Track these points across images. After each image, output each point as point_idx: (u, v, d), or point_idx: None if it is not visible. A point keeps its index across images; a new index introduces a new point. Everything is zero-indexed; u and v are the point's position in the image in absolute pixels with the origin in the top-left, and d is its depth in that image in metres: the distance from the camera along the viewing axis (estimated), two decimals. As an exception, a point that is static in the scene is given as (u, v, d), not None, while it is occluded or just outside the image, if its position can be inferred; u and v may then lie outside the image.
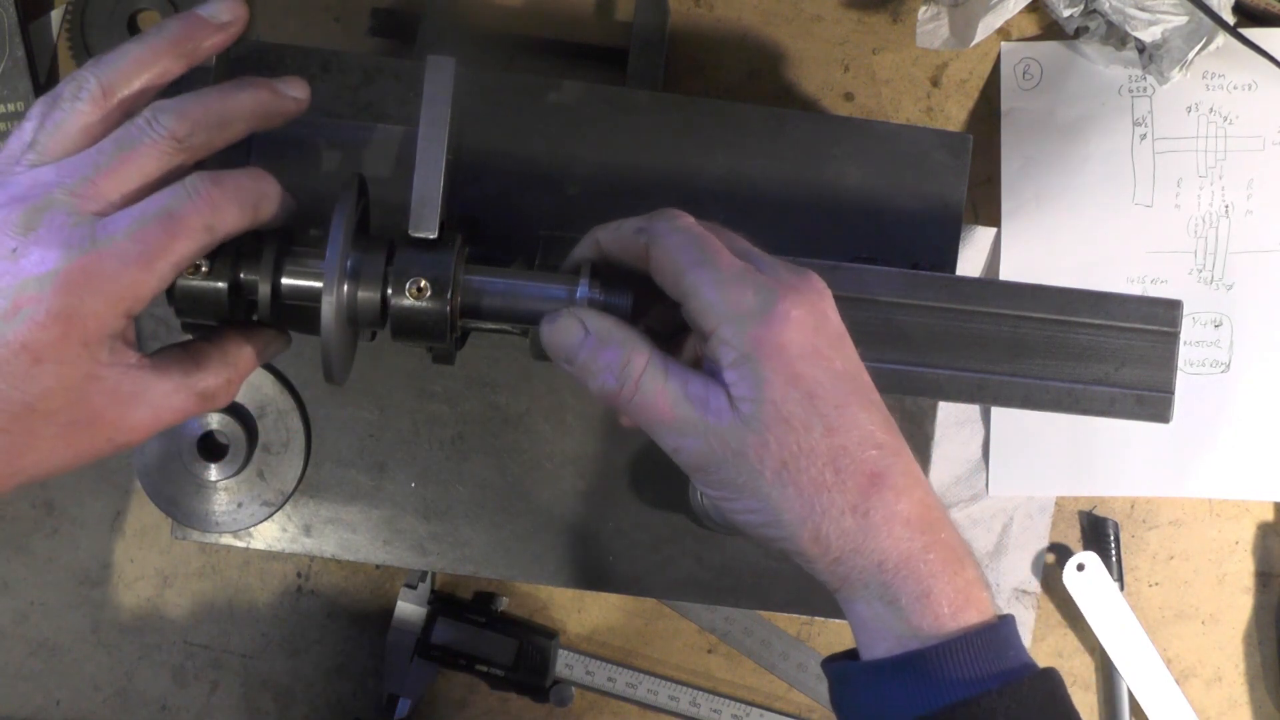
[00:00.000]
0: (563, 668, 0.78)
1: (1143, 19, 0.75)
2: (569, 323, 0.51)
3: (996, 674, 0.48)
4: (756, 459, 0.48)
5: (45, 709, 0.79)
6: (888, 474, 0.49)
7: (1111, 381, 0.61)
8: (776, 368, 0.48)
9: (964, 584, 0.50)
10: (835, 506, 0.49)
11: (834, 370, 0.49)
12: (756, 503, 0.49)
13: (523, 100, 0.67)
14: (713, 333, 0.49)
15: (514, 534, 0.68)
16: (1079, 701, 0.81)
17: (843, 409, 0.49)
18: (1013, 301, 0.60)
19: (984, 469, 0.81)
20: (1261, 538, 0.82)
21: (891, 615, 0.49)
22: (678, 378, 0.50)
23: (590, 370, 0.51)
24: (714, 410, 0.49)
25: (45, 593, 0.79)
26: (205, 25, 0.53)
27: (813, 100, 0.80)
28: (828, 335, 0.50)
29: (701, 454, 0.49)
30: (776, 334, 0.48)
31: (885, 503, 0.49)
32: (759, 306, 0.49)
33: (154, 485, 0.67)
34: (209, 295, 0.52)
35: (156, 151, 0.49)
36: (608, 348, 0.50)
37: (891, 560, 0.49)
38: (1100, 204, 0.80)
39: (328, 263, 0.51)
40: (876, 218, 0.67)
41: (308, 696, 0.80)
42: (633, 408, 0.50)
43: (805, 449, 0.48)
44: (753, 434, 0.48)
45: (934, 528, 0.50)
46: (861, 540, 0.49)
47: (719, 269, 0.50)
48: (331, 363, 0.53)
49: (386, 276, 0.53)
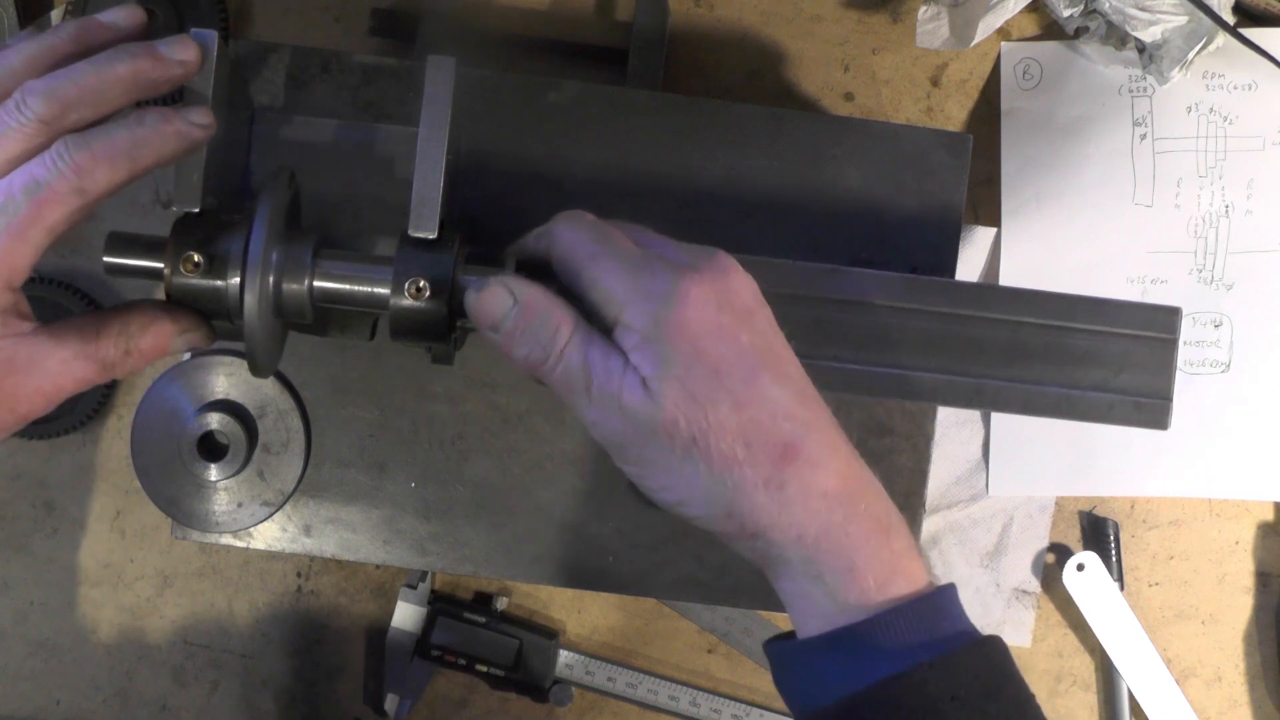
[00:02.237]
0: (563, 668, 0.78)
1: (1143, 19, 0.75)
2: (497, 290, 0.51)
3: (930, 644, 0.48)
4: (666, 436, 0.49)
5: (45, 709, 0.79)
6: (802, 446, 0.49)
7: (1109, 387, 0.61)
8: (680, 346, 0.48)
9: (891, 555, 0.49)
10: (748, 481, 0.49)
11: (740, 345, 0.49)
12: (669, 480, 0.49)
13: (523, 100, 0.67)
14: (616, 320, 0.50)
15: (514, 534, 0.68)
16: (1079, 701, 0.81)
17: (751, 383, 0.49)
18: (1011, 306, 0.60)
19: (984, 469, 0.81)
20: (1261, 538, 0.82)
21: (818, 591, 0.49)
22: (599, 351, 0.50)
23: (516, 339, 0.51)
24: (628, 387, 0.49)
25: (45, 593, 0.79)
26: (100, 27, 0.53)
27: (813, 100, 0.80)
28: (733, 311, 0.50)
29: (617, 431, 0.50)
30: (678, 314, 0.49)
31: (800, 475, 0.49)
32: (658, 289, 0.49)
33: (154, 485, 0.67)
34: (206, 293, 0.52)
35: (22, 135, 0.49)
36: (534, 316, 0.51)
37: (810, 534, 0.49)
38: (1100, 204, 0.80)
39: (250, 256, 0.52)
40: (876, 218, 0.67)
41: (308, 696, 0.80)
42: (554, 379, 0.51)
43: (714, 424, 0.48)
44: (661, 412, 0.48)
45: (855, 499, 0.50)
46: (777, 514, 0.49)
47: (616, 258, 0.50)
48: (256, 355, 0.53)
49: (313, 269, 0.54)
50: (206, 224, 0.53)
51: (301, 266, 0.54)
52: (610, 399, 0.49)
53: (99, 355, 0.52)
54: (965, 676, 0.48)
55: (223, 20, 0.77)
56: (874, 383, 0.60)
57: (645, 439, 0.49)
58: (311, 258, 0.54)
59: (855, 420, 0.69)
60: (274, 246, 0.53)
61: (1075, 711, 0.82)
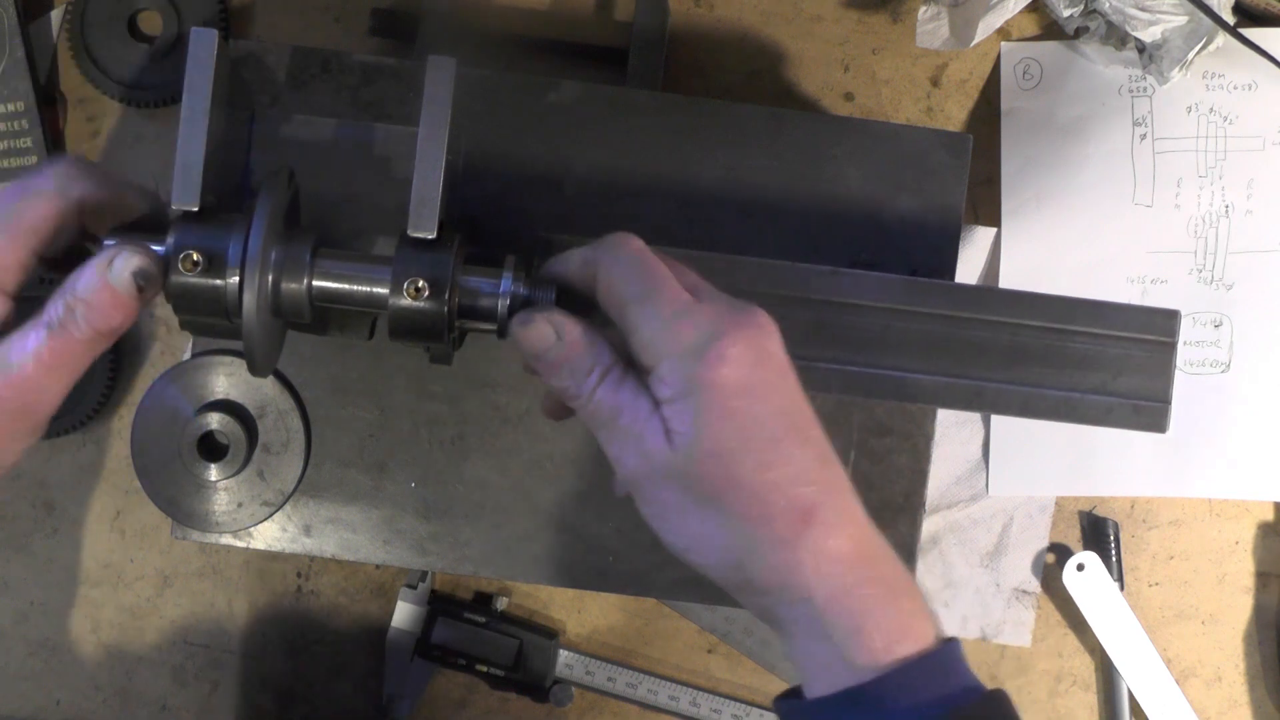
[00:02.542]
0: (563, 668, 0.78)
1: (1143, 19, 0.75)
2: (542, 327, 0.52)
3: (939, 701, 0.48)
4: (685, 488, 0.49)
5: (45, 709, 0.79)
6: (819, 511, 0.49)
7: (1108, 390, 0.61)
8: (712, 404, 0.48)
9: (899, 617, 0.49)
10: (762, 541, 0.49)
11: (770, 407, 0.49)
12: (682, 528, 0.50)
13: (523, 100, 0.67)
14: (653, 369, 0.50)
15: (514, 534, 0.68)
16: (1079, 701, 0.81)
17: (777, 445, 0.49)
18: (1011, 309, 0.60)
19: (984, 469, 0.81)
20: (1261, 538, 0.82)
21: (825, 652, 0.49)
22: (630, 393, 0.50)
23: (554, 372, 0.52)
24: (652, 434, 0.49)
25: (45, 593, 0.79)
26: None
27: (813, 100, 0.80)
28: (767, 372, 0.50)
29: (638, 471, 0.50)
30: (713, 371, 0.49)
31: (814, 539, 0.49)
32: (698, 344, 0.49)
33: (154, 485, 0.67)
34: (205, 292, 0.52)
35: None
36: (575, 355, 0.51)
37: (820, 596, 0.49)
38: (1100, 204, 0.80)
39: (249, 255, 0.52)
40: (876, 218, 0.67)
41: (308, 696, 0.80)
42: (585, 412, 0.52)
43: (735, 483, 0.49)
44: (685, 466, 0.49)
45: (868, 563, 0.50)
46: (789, 575, 0.49)
47: (660, 304, 0.50)
48: (255, 354, 0.53)
49: (312, 268, 0.54)
50: (206, 223, 0.53)
51: (300, 266, 0.54)
52: (635, 440, 0.50)
53: (43, 320, 0.51)
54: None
55: (223, 20, 0.77)
56: (873, 385, 0.60)
57: (664, 484, 0.50)
58: (310, 257, 0.54)
59: (855, 420, 0.69)
60: (272, 245, 0.53)
61: (1075, 711, 0.82)
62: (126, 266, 0.50)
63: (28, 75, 0.76)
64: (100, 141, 0.78)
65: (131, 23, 0.77)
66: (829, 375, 0.60)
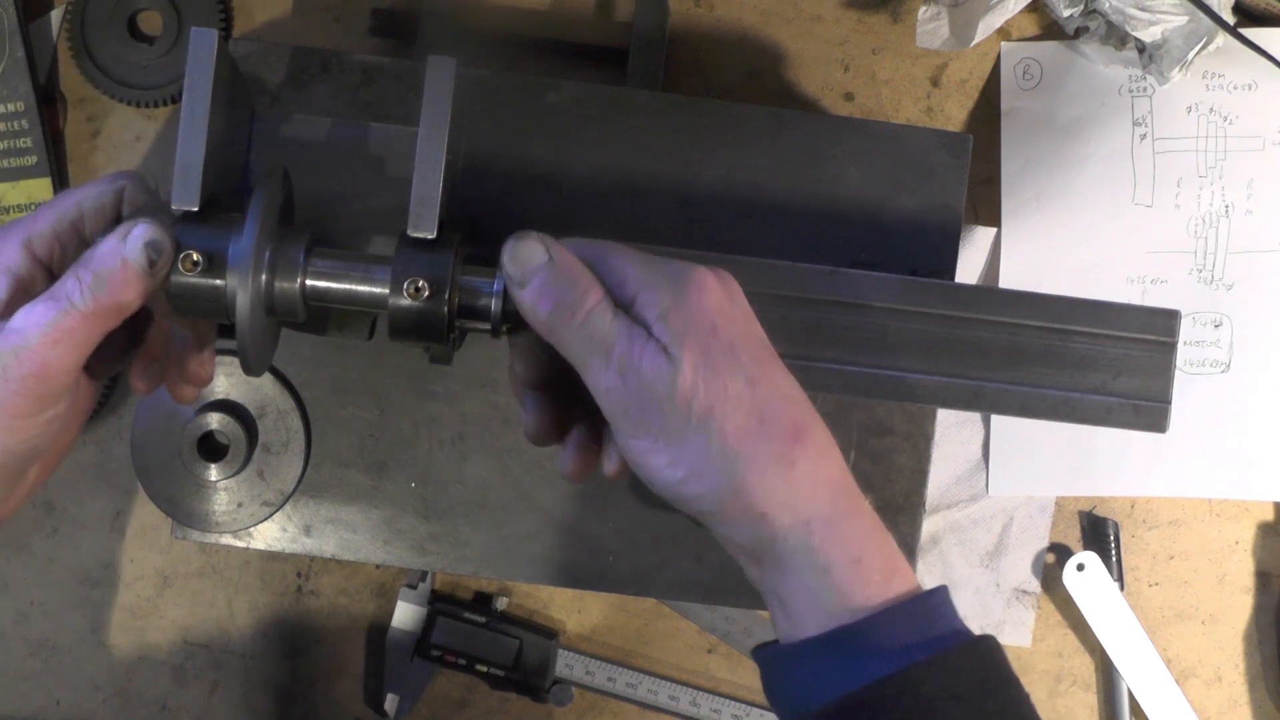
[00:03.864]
0: (563, 668, 0.78)
1: (1143, 19, 0.75)
2: (534, 244, 0.52)
3: (926, 643, 0.48)
4: (683, 405, 0.49)
5: (45, 709, 0.79)
6: (809, 430, 0.50)
7: (1108, 390, 0.61)
8: (699, 320, 0.50)
9: (891, 552, 0.50)
10: (760, 455, 0.49)
11: (750, 334, 0.51)
12: (679, 452, 0.49)
13: (523, 100, 0.67)
14: (635, 298, 0.51)
15: (514, 534, 0.68)
16: (1079, 701, 0.81)
17: (763, 365, 0.51)
18: (1010, 309, 0.60)
19: (984, 469, 0.81)
20: (1261, 538, 0.82)
21: (822, 587, 0.49)
22: (623, 320, 0.51)
23: (542, 293, 0.51)
24: (650, 354, 0.49)
25: (45, 593, 0.79)
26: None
27: (813, 100, 0.80)
28: (740, 305, 0.52)
29: (632, 395, 0.49)
30: (695, 294, 0.50)
31: (809, 457, 0.50)
32: (676, 273, 0.51)
33: (154, 485, 0.67)
34: (205, 292, 0.52)
35: None
36: (565, 274, 0.51)
37: (819, 519, 0.49)
38: (1100, 204, 0.80)
39: (243, 253, 0.52)
40: (876, 218, 0.67)
41: (308, 696, 0.80)
42: (576, 337, 0.51)
43: (731, 395, 0.49)
44: (681, 378, 0.49)
45: (856, 497, 0.51)
46: (786, 493, 0.49)
47: (630, 251, 0.52)
48: (248, 353, 0.53)
49: (305, 267, 0.54)
50: (206, 223, 0.53)
51: (294, 265, 0.54)
52: (631, 365, 0.49)
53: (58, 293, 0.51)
54: (962, 675, 0.48)
55: (223, 20, 0.77)
56: (873, 385, 0.60)
57: (660, 408, 0.49)
58: (304, 256, 0.54)
59: (855, 420, 0.69)
60: (266, 245, 0.53)
61: (1075, 711, 0.82)
62: (140, 238, 0.51)
63: (28, 75, 0.76)
64: (100, 141, 0.78)
65: (131, 23, 0.77)
66: (829, 375, 0.60)
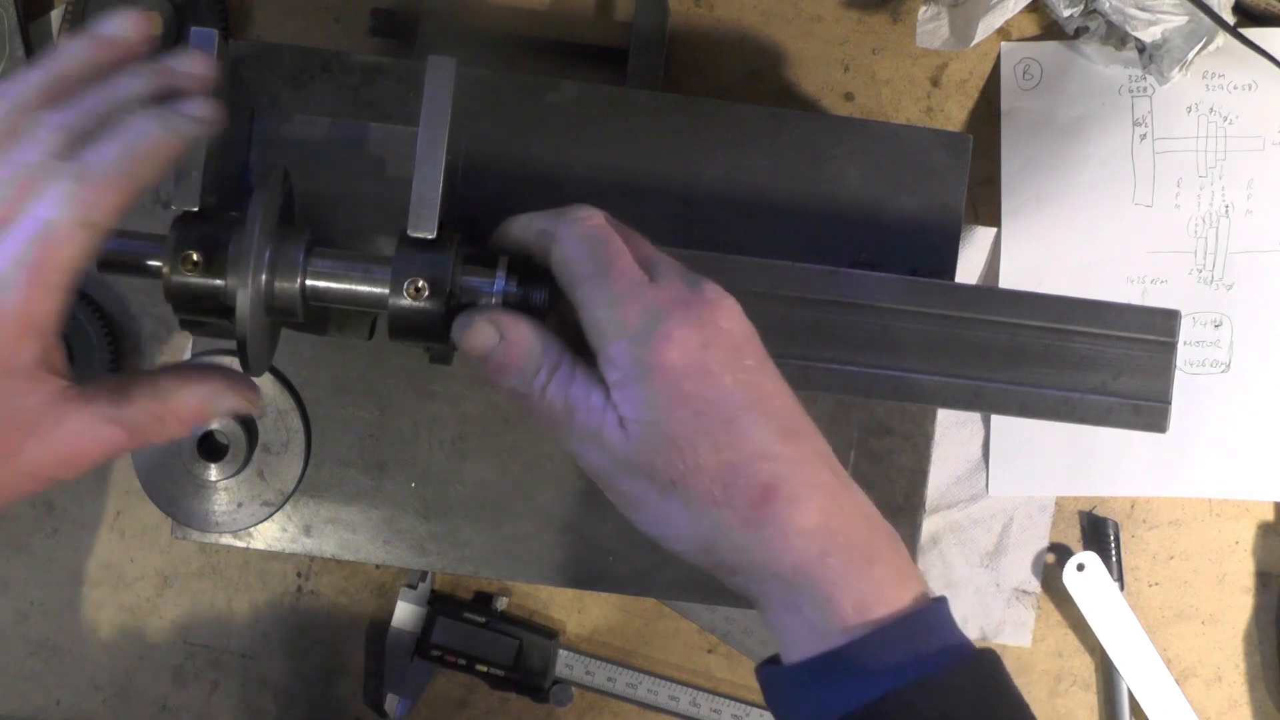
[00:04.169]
0: (563, 668, 0.78)
1: (1143, 19, 0.75)
2: (483, 328, 0.52)
3: (916, 662, 0.48)
4: (646, 476, 0.49)
5: (45, 709, 0.79)
6: (781, 486, 0.49)
7: (1108, 390, 0.61)
8: (660, 388, 0.48)
9: (872, 582, 0.49)
10: (725, 522, 0.49)
11: (722, 386, 0.49)
12: (650, 515, 0.50)
13: (523, 100, 0.67)
14: (600, 352, 0.50)
15: (514, 534, 0.68)
16: (1079, 701, 0.81)
17: (733, 424, 0.49)
18: (1011, 309, 0.60)
19: (984, 469, 0.81)
20: (1261, 538, 0.82)
21: (798, 623, 0.49)
22: (582, 388, 0.50)
23: (501, 373, 0.52)
24: (608, 425, 0.49)
25: (45, 593, 0.79)
26: (104, 41, 0.51)
27: (813, 100, 0.80)
28: (718, 350, 0.49)
29: (599, 465, 0.50)
30: (660, 355, 0.48)
31: (777, 516, 0.49)
32: (644, 327, 0.49)
33: (154, 485, 0.67)
34: (204, 292, 0.52)
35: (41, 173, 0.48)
36: (519, 355, 0.51)
37: (787, 570, 0.49)
38: (1100, 204, 0.80)
39: (243, 253, 0.51)
40: (876, 218, 0.67)
41: (308, 696, 0.80)
42: (538, 411, 0.51)
43: (691, 467, 0.48)
44: (642, 456, 0.49)
45: (834, 532, 0.49)
46: (754, 553, 0.49)
47: (610, 283, 0.50)
48: (248, 353, 0.53)
49: (305, 267, 0.54)
50: (206, 223, 0.53)
51: (294, 265, 0.54)
52: (592, 435, 0.50)
53: (127, 418, 0.49)
54: (954, 695, 0.47)
55: (223, 20, 0.77)
56: (873, 385, 0.60)
57: (626, 475, 0.50)
58: (304, 256, 0.54)
59: (855, 420, 0.69)
60: (266, 244, 0.53)
61: (1075, 711, 0.82)
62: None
63: (28, 75, 0.76)
64: (100, 141, 0.78)
65: (131, 23, 0.77)
66: (829, 375, 0.60)
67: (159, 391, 0.50)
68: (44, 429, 0.47)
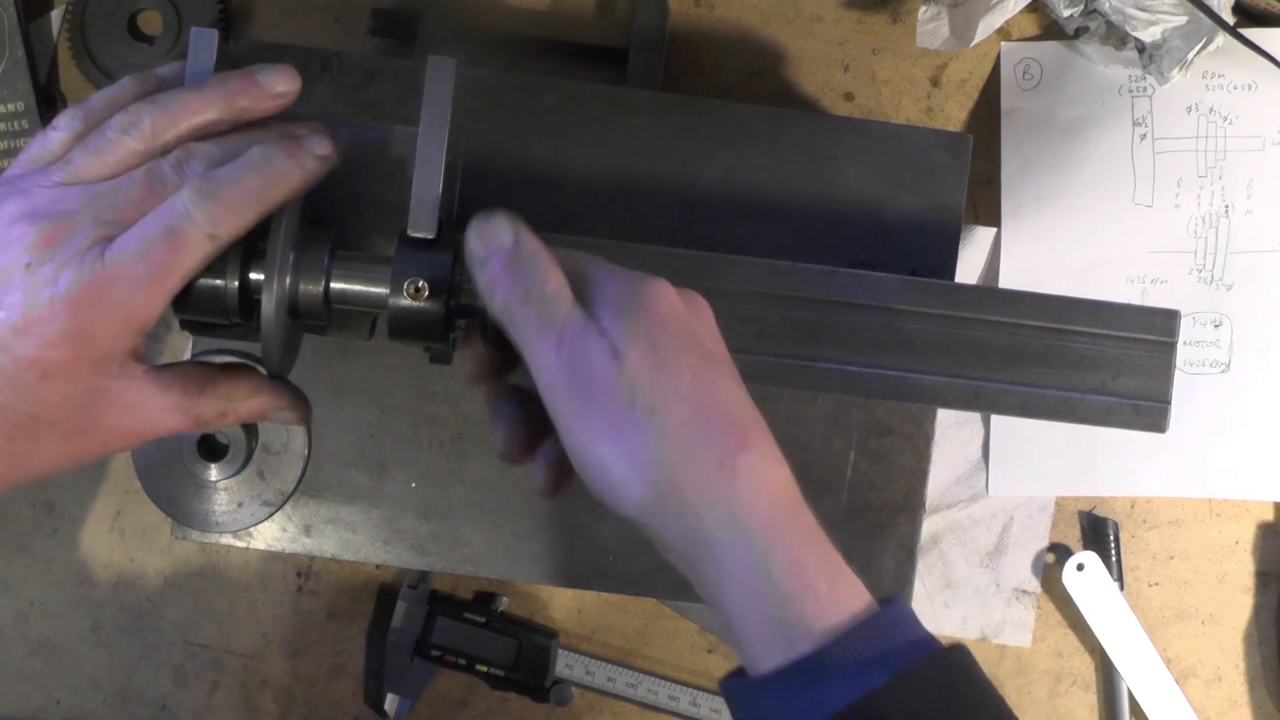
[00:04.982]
0: (563, 668, 0.78)
1: (1143, 19, 0.75)
2: (501, 223, 0.52)
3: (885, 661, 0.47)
4: (628, 394, 0.48)
5: (45, 709, 0.79)
6: (756, 439, 0.49)
7: (1108, 390, 0.61)
8: (651, 318, 0.49)
9: (834, 559, 0.49)
10: (702, 455, 0.48)
11: (701, 341, 0.51)
12: (620, 446, 0.48)
13: (523, 100, 0.67)
14: (592, 296, 0.50)
15: (514, 534, 0.68)
16: (1079, 701, 0.81)
17: (713, 368, 0.50)
18: (1010, 309, 0.60)
19: (984, 469, 0.81)
20: (1261, 538, 0.82)
21: (766, 592, 0.47)
22: (579, 311, 0.50)
23: (502, 276, 0.51)
24: (599, 351, 0.49)
25: (45, 593, 0.79)
26: (261, 92, 0.53)
27: (813, 100, 0.80)
28: (701, 321, 0.51)
29: (578, 383, 0.49)
30: (648, 297, 0.50)
31: (752, 464, 0.48)
32: (637, 280, 0.51)
33: (154, 485, 0.68)
34: (205, 293, 0.52)
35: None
36: (529, 258, 0.51)
37: (757, 523, 0.48)
38: (1100, 204, 0.80)
39: (268, 257, 0.52)
40: (876, 218, 0.67)
41: (308, 696, 0.80)
42: (532, 315, 0.50)
43: (675, 391, 0.48)
44: (628, 369, 0.48)
45: (799, 506, 0.49)
46: (725, 494, 0.48)
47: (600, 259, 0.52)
48: (272, 354, 0.53)
49: (329, 270, 0.54)
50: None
51: (318, 268, 0.54)
52: (580, 353, 0.49)
53: (196, 411, 0.52)
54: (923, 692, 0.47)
55: (223, 20, 0.77)
56: (873, 385, 0.60)
57: (604, 398, 0.48)
58: (328, 260, 0.54)
59: (855, 420, 0.69)
60: (290, 248, 0.53)
61: (1075, 711, 0.82)
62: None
63: (28, 75, 0.76)
64: (100, 141, 0.78)
65: (131, 23, 0.77)
66: (829, 375, 0.60)
67: (231, 393, 0.54)
68: (124, 409, 0.50)
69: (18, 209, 0.48)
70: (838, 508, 0.69)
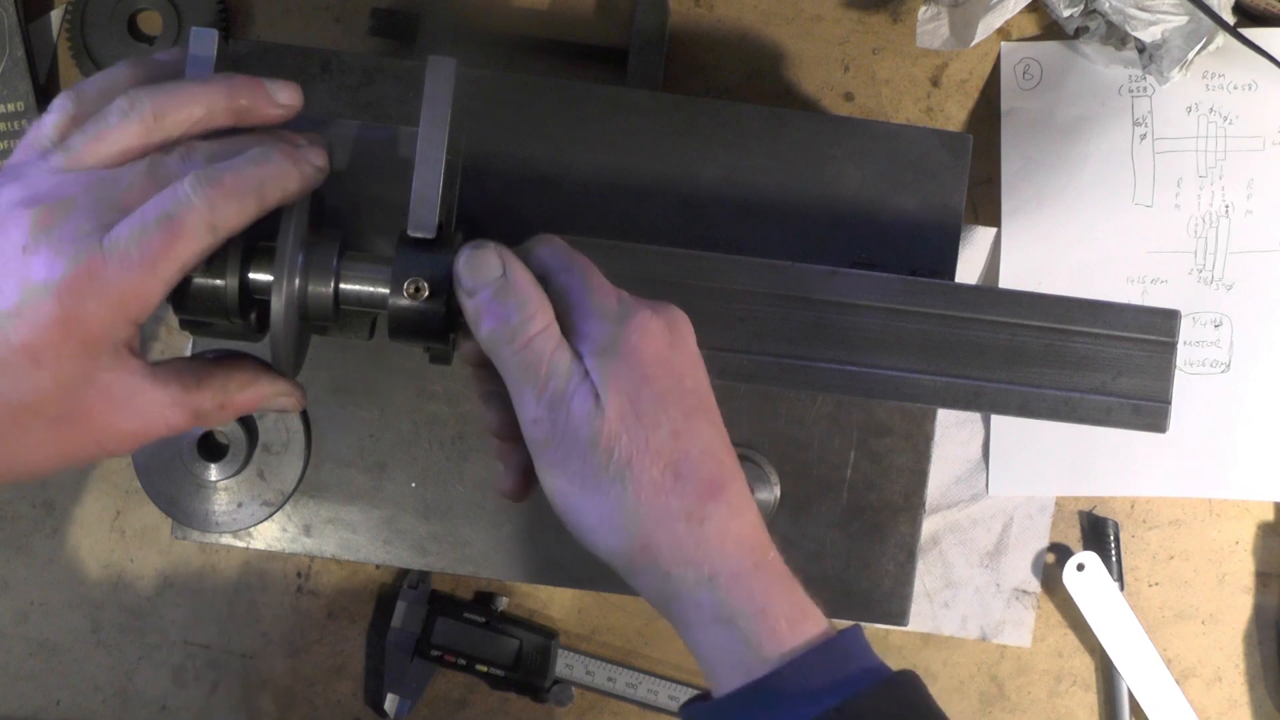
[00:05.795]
0: (563, 668, 0.78)
1: (1143, 19, 0.75)
2: (490, 257, 0.52)
3: (837, 687, 0.48)
4: (605, 450, 0.49)
5: (45, 709, 0.79)
6: (727, 488, 0.50)
7: (1108, 390, 0.61)
8: (632, 365, 0.50)
9: (799, 600, 0.50)
10: (671, 512, 0.49)
11: (684, 384, 0.51)
12: (595, 500, 0.49)
13: (523, 100, 0.67)
14: (576, 326, 0.51)
15: (514, 534, 0.68)
16: (1079, 701, 0.81)
17: (690, 419, 0.50)
18: (1010, 309, 0.60)
19: (984, 469, 0.81)
20: (1261, 538, 0.82)
21: (730, 638, 0.49)
22: (567, 356, 0.50)
23: (488, 310, 0.51)
24: (580, 395, 0.49)
25: (45, 593, 0.79)
26: (264, 95, 0.53)
27: (813, 100, 0.80)
28: (682, 354, 0.52)
29: (558, 432, 0.50)
30: (635, 337, 0.50)
31: (720, 515, 0.50)
32: (621, 312, 0.51)
33: (154, 485, 0.67)
34: (205, 293, 0.52)
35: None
36: (516, 293, 0.51)
37: (724, 576, 0.49)
38: (1100, 204, 0.80)
39: (277, 257, 0.52)
40: (876, 218, 0.67)
41: (308, 696, 0.80)
42: (515, 359, 0.50)
43: (651, 448, 0.49)
44: (605, 424, 0.49)
45: (764, 550, 0.51)
46: (694, 550, 0.49)
47: (588, 276, 0.52)
48: (280, 356, 0.53)
49: (338, 271, 0.54)
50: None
51: (326, 269, 0.54)
52: (561, 401, 0.50)
53: (194, 405, 0.51)
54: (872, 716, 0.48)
55: (223, 20, 0.77)
56: (873, 385, 0.60)
57: (582, 451, 0.49)
58: (336, 261, 0.54)
59: (855, 420, 0.69)
60: (299, 249, 0.53)
61: (1075, 711, 0.82)
62: None
63: (28, 75, 0.76)
64: (100, 141, 0.78)
65: (131, 23, 0.77)
66: (829, 375, 0.60)
67: (228, 385, 0.53)
68: (120, 404, 0.49)
69: (17, 194, 0.48)
70: (838, 508, 0.69)
